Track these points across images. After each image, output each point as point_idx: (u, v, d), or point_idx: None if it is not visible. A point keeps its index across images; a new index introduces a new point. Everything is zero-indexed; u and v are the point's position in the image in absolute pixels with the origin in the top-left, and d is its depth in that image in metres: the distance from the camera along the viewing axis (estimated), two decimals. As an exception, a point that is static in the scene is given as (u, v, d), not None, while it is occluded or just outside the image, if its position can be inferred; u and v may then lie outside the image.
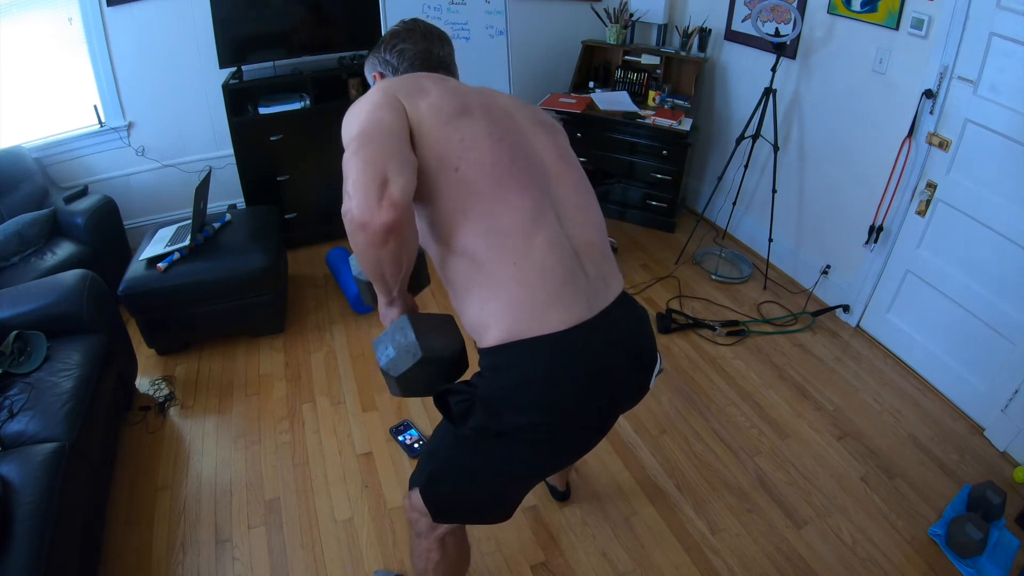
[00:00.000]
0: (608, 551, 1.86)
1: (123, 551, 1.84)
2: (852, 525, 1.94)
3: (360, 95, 3.51)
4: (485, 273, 1.07)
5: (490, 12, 2.92)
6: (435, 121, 1.09)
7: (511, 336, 1.06)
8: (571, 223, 1.14)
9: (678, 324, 2.82)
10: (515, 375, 1.07)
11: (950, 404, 2.42)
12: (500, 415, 1.09)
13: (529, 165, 1.14)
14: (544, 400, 1.08)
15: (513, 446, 1.13)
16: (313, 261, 3.29)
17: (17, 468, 1.54)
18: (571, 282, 1.08)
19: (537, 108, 1.31)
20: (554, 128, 1.27)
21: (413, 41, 1.29)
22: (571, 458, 1.31)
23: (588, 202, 1.21)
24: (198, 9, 2.92)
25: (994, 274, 2.20)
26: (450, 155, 1.07)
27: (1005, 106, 2.06)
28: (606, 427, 1.24)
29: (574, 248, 1.12)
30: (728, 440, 2.24)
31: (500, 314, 1.06)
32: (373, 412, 2.34)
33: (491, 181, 1.08)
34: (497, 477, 1.21)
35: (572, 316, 1.07)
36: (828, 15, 2.67)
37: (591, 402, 1.13)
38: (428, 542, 1.36)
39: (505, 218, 1.07)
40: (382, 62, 1.31)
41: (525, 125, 1.20)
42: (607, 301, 1.14)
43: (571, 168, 1.23)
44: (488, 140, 1.10)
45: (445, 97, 1.12)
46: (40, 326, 1.99)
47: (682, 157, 3.30)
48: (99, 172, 3.15)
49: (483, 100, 1.18)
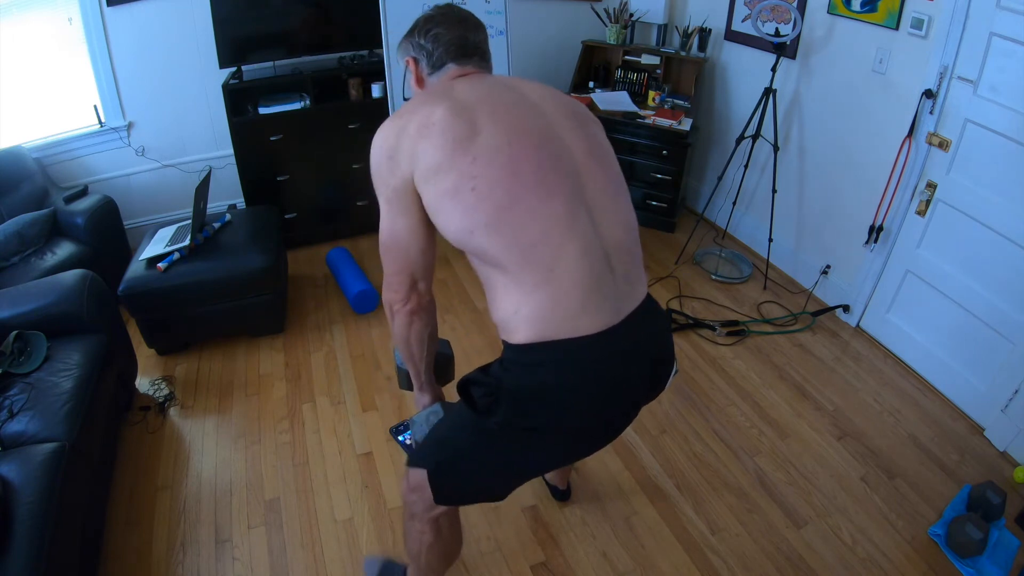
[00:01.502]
0: (608, 551, 1.86)
1: (123, 551, 1.84)
2: (852, 525, 1.94)
3: (360, 96, 3.49)
4: (516, 281, 1.07)
5: (490, 12, 2.92)
6: (442, 156, 1.06)
7: (541, 337, 1.07)
8: (603, 223, 1.12)
9: (678, 324, 2.83)
10: (544, 374, 1.08)
11: (950, 404, 2.42)
12: (527, 412, 1.11)
13: (558, 166, 1.11)
14: (572, 401, 1.10)
15: (534, 442, 1.15)
16: (313, 261, 3.29)
17: (17, 468, 1.54)
18: (600, 287, 1.09)
19: (571, 99, 1.27)
20: (587, 119, 1.23)
21: (448, 26, 1.24)
22: (585, 454, 1.35)
23: (620, 199, 1.19)
24: (198, 9, 2.92)
25: (994, 274, 2.20)
26: (464, 178, 1.05)
27: (1005, 106, 2.06)
28: (623, 427, 1.27)
29: (605, 250, 1.11)
30: (728, 440, 2.24)
31: (532, 319, 1.07)
32: (373, 412, 2.34)
33: (514, 191, 1.06)
34: (508, 469, 1.23)
35: (600, 322, 1.08)
36: (828, 15, 2.67)
37: (614, 404, 1.16)
38: (422, 524, 1.37)
39: (534, 227, 1.05)
40: (416, 47, 1.27)
41: (555, 120, 1.16)
42: (633, 304, 1.14)
43: (603, 163, 1.19)
44: (507, 150, 1.07)
45: (452, 124, 1.07)
46: (40, 326, 1.99)
47: (682, 157, 3.30)
48: (99, 172, 3.15)
49: (504, 104, 1.14)
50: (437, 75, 1.26)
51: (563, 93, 1.27)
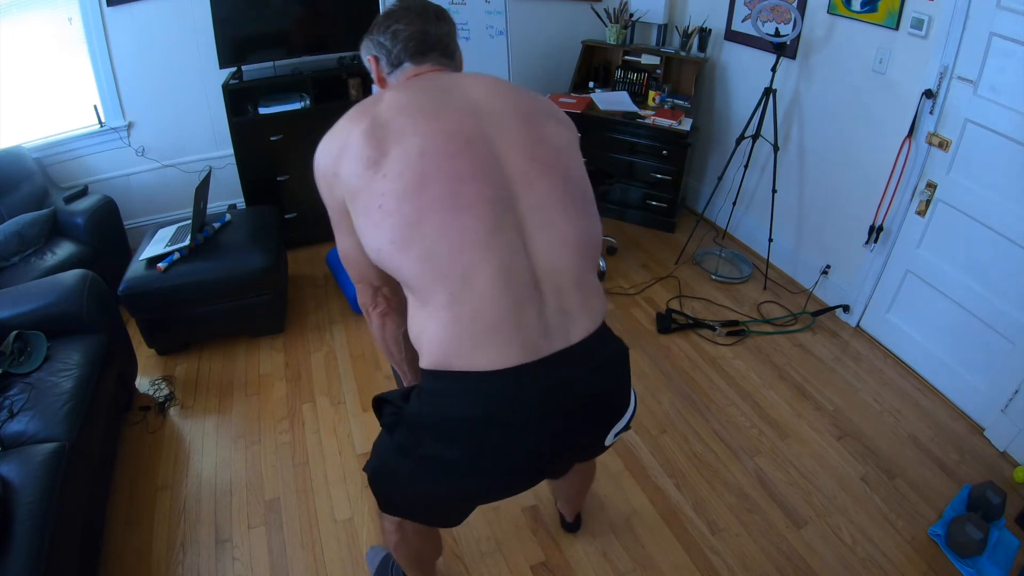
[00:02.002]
0: (608, 551, 1.85)
1: (123, 551, 1.84)
2: (852, 525, 1.94)
3: (360, 96, 3.50)
4: (423, 302, 1.00)
5: (490, 12, 2.92)
6: (356, 184, 1.01)
7: (440, 365, 1.00)
8: (538, 241, 1.00)
9: (678, 324, 2.83)
10: (440, 405, 1.02)
11: (950, 404, 2.42)
12: (420, 440, 1.06)
13: (479, 175, 1.00)
14: (463, 439, 1.02)
15: (434, 471, 1.08)
16: (313, 261, 3.29)
17: (17, 468, 1.54)
18: (518, 317, 0.97)
19: (534, 98, 1.15)
20: (543, 120, 1.11)
21: (408, 21, 1.18)
22: (502, 494, 1.22)
23: (570, 214, 1.04)
24: (198, 9, 2.92)
25: (994, 274, 2.20)
26: (373, 195, 0.99)
27: (1005, 106, 2.06)
28: (544, 474, 1.19)
29: (535, 275, 0.99)
30: (728, 440, 2.24)
31: (433, 342, 1.00)
32: (373, 412, 2.34)
33: (423, 205, 0.97)
34: (425, 492, 1.16)
35: (507, 357, 0.96)
36: (828, 15, 2.66)
37: (517, 450, 1.04)
38: (388, 523, 1.38)
39: (440, 243, 0.96)
40: (376, 44, 1.22)
41: (494, 122, 1.05)
42: (567, 340, 1.01)
43: (550, 172, 1.04)
44: (418, 164, 0.98)
45: (360, 150, 1.01)
46: (40, 326, 1.99)
47: (682, 157, 3.30)
48: (99, 172, 3.15)
49: (424, 112, 1.04)
50: (395, 75, 1.20)
51: (528, 92, 1.16)
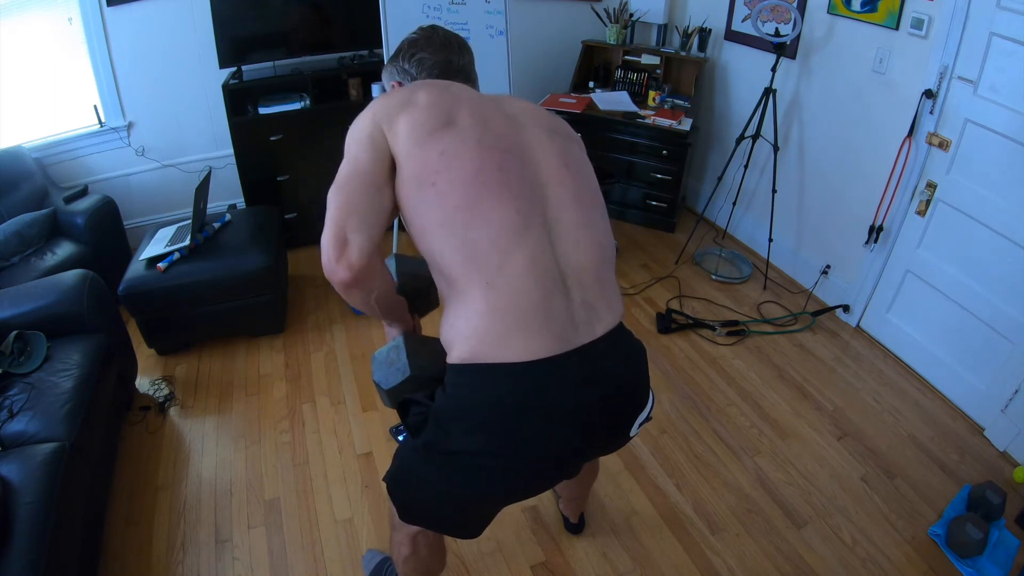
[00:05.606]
0: (608, 551, 1.86)
1: (123, 551, 1.84)
2: (852, 525, 1.94)
3: (360, 96, 3.49)
4: (457, 290, 1.02)
5: (490, 12, 2.92)
6: (414, 139, 1.05)
7: (470, 358, 1.01)
8: (564, 241, 1.06)
9: (678, 324, 2.82)
10: (468, 396, 1.03)
11: (950, 404, 2.42)
12: (448, 433, 1.05)
13: (522, 174, 1.06)
14: (492, 427, 1.02)
15: (459, 468, 1.08)
16: (313, 261, 3.28)
17: (17, 468, 1.54)
18: (548, 308, 1.00)
19: (554, 116, 1.23)
20: (566, 136, 1.20)
21: (432, 50, 1.24)
22: (526, 492, 1.20)
23: (590, 218, 1.11)
24: (198, 9, 2.92)
25: (994, 274, 2.20)
26: (428, 171, 1.03)
27: (1005, 106, 2.06)
28: (567, 468, 1.18)
29: (561, 270, 1.04)
30: (728, 440, 2.24)
31: (465, 335, 1.01)
32: (373, 412, 2.34)
33: (472, 191, 1.02)
34: (449, 495, 1.15)
35: (537, 348, 0.99)
36: (828, 15, 2.67)
37: (546, 441, 1.05)
38: (400, 536, 1.37)
39: (482, 231, 1.00)
40: (400, 71, 1.26)
41: (530, 132, 1.13)
42: (591, 334, 1.04)
43: (575, 181, 1.12)
44: (476, 148, 1.05)
45: (431, 109, 1.07)
46: (40, 326, 1.99)
47: (682, 157, 3.30)
48: (99, 172, 3.15)
49: (481, 107, 1.12)
50: None
51: (546, 110, 1.25)
